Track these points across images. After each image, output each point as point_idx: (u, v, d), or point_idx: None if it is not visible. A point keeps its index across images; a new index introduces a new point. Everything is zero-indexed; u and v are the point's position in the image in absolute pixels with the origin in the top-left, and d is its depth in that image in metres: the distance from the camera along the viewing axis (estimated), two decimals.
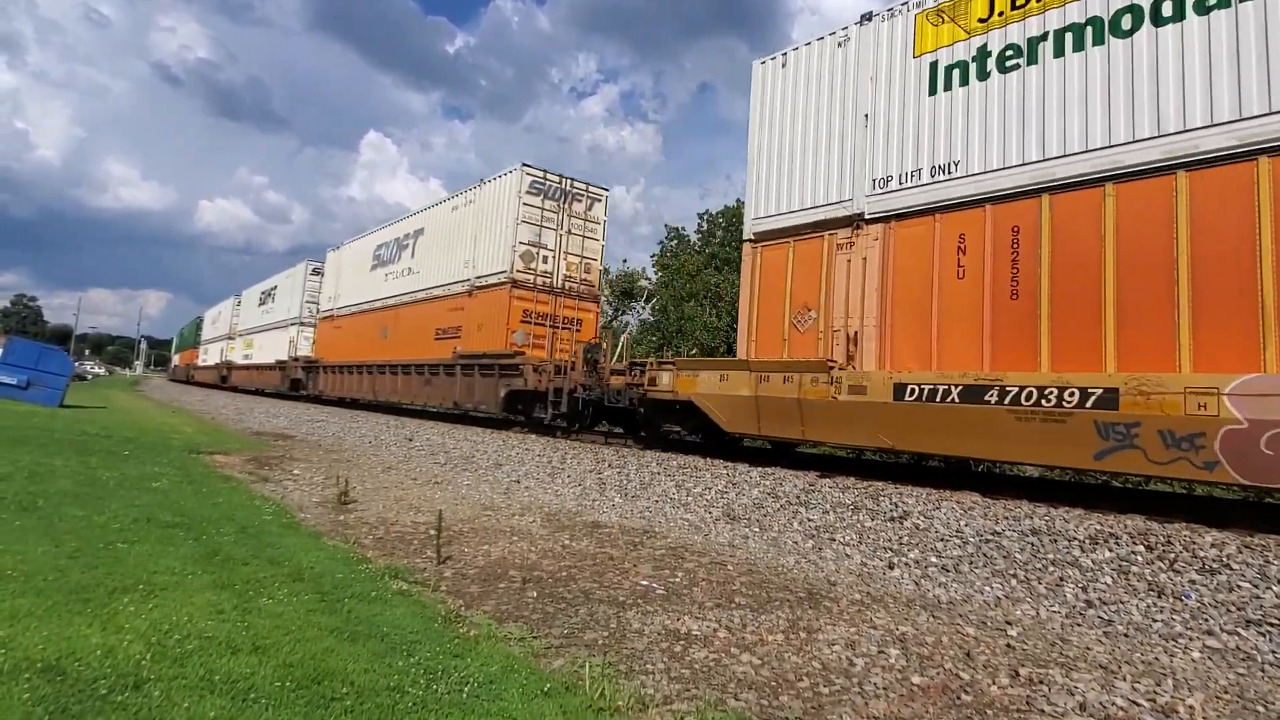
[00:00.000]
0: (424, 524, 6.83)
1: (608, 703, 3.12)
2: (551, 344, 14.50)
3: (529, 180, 15.43)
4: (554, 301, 15.74)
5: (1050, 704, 3.33)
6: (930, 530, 6.23)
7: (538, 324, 15.02)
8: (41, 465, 8.17)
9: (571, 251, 16.03)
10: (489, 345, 15.27)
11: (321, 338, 26.60)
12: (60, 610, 3.63)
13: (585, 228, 16.40)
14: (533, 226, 15.33)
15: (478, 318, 15.94)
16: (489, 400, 15.01)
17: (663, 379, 10.69)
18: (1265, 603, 4.44)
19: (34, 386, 17.72)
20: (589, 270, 16.50)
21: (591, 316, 16.45)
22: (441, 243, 18.47)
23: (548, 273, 15.68)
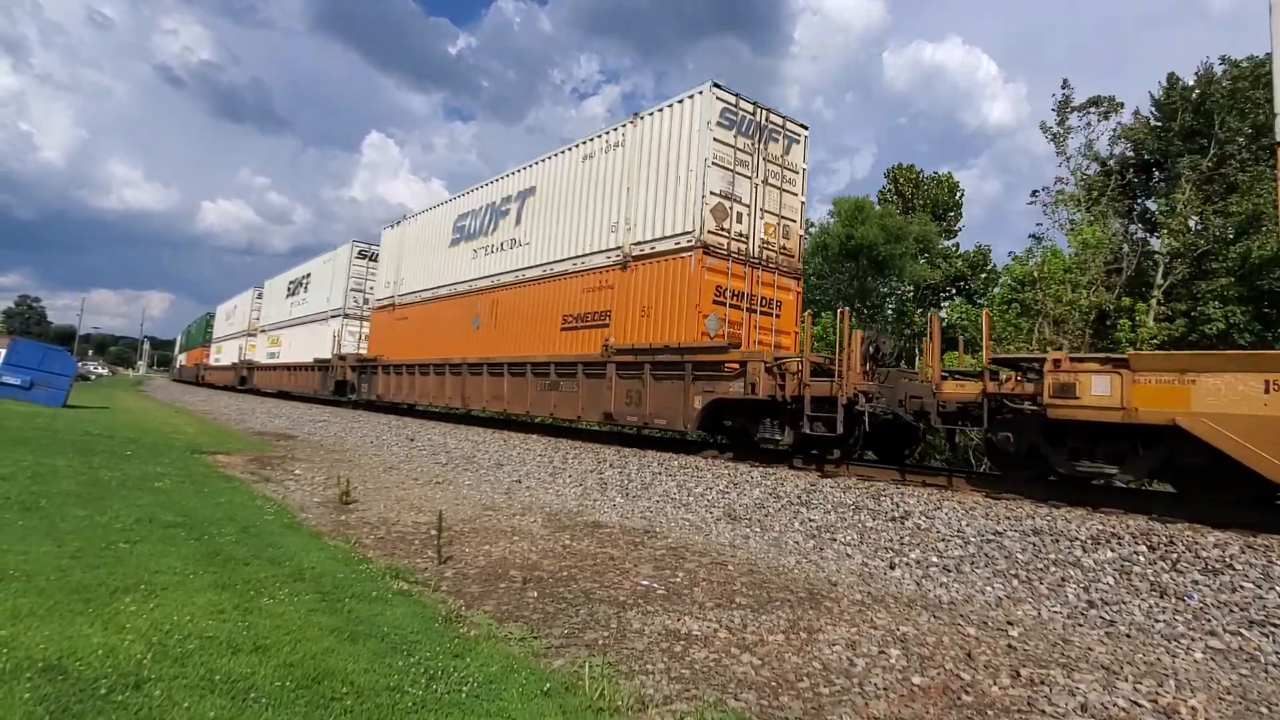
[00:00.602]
0: (425, 524, 6.84)
1: (608, 703, 3.12)
2: (748, 334, 10.89)
3: (720, 108, 10.88)
4: (749, 276, 11.16)
5: (1051, 704, 3.32)
6: (932, 530, 6.22)
7: (732, 306, 10.80)
8: (44, 465, 8.19)
9: (768, 209, 11.62)
10: (662, 335, 10.94)
11: (379, 332, 21.57)
12: (62, 610, 3.63)
13: (783, 177, 11.94)
14: (725, 172, 10.89)
15: (640, 298, 11.46)
16: (671, 412, 10.53)
17: (1093, 386, 6.60)
18: (1268, 603, 4.42)
19: (37, 387, 17.77)
20: (788, 235, 12.00)
21: (792, 298, 11.98)
22: (566, 203, 13.80)
23: (742, 235, 11.15)
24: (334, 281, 25.69)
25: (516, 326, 14.66)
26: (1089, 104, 26.70)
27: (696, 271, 10.46)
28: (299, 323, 29.08)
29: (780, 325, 11.49)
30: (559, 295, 13.45)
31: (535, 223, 14.60)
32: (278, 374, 30.48)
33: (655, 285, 11.18)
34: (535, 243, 14.46)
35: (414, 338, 18.98)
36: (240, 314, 39.80)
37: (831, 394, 8.42)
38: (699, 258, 10.43)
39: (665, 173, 11.37)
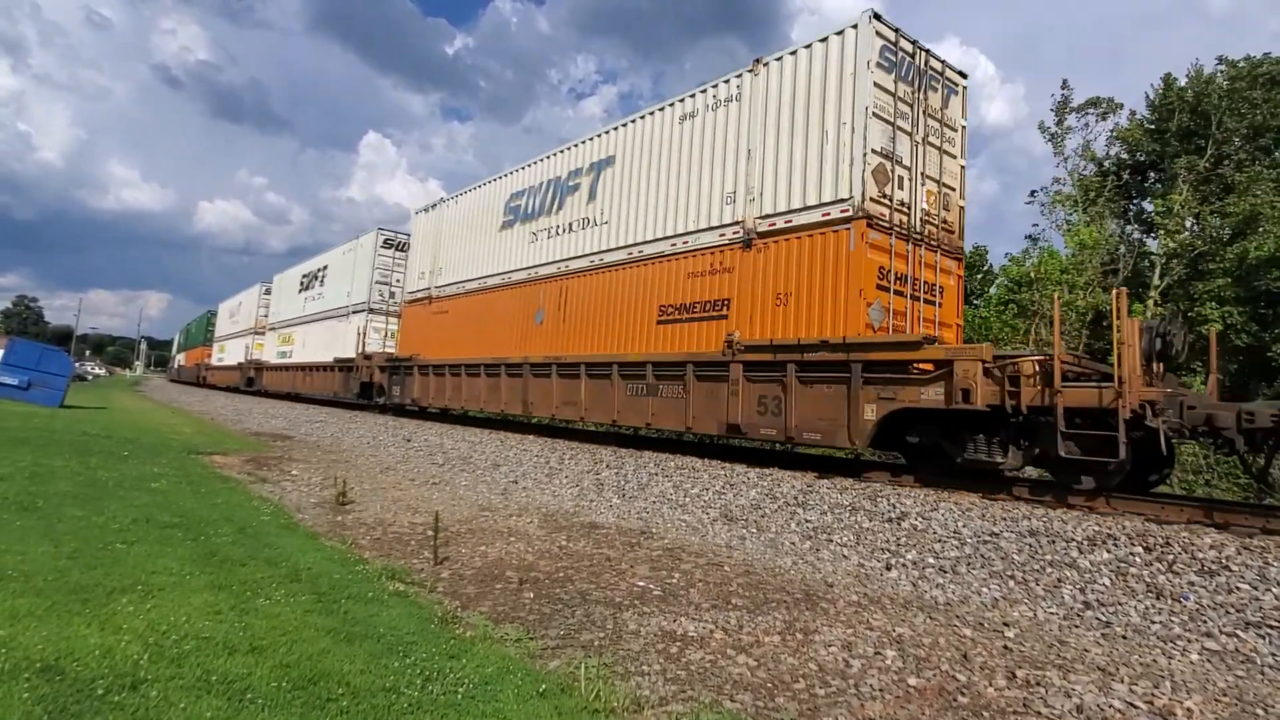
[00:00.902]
0: (421, 525, 6.84)
1: (603, 704, 3.12)
2: (912, 325, 8.87)
3: (879, 45, 8.79)
4: (912, 255, 9.01)
5: (1047, 706, 3.33)
6: (928, 531, 6.23)
7: (895, 291, 8.69)
8: (41, 466, 8.18)
9: (929, 173, 9.39)
10: (807, 327, 8.67)
11: (412, 328, 19.04)
12: (59, 610, 3.63)
13: (943, 135, 9.73)
14: (885, 126, 8.71)
15: (773, 283, 9.32)
16: (829, 425, 8.27)
17: None
18: (1265, 604, 4.43)
19: (35, 387, 17.74)
20: (948, 206, 9.79)
21: (954, 283, 9.87)
22: (658, 173, 11.36)
23: (904, 205, 8.94)
24: (356, 274, 23.27)
25: (593, 320, 12.29)
26: (1087, 105, 26.77)
27: (858, 248, 8.36)
28: (315, 319, 26.48)
29: (943, 316, 9.42)
30: (652, 282, 11.15)
31: (615, 198, 12.27)
32: (290, 375, 28.19)
33: (795, 266, 9.05)
34: (616, 221, 12.16)
35: (457, 334, 16.62)
36: (246, 311, 37.38)
37: (1102, 405, 6.36)
38: (860, 231, 8.35)
39: (806, 128, 9.17)
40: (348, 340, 22.41)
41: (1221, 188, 22.86)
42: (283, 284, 32.01)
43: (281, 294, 31.90)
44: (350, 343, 22.11)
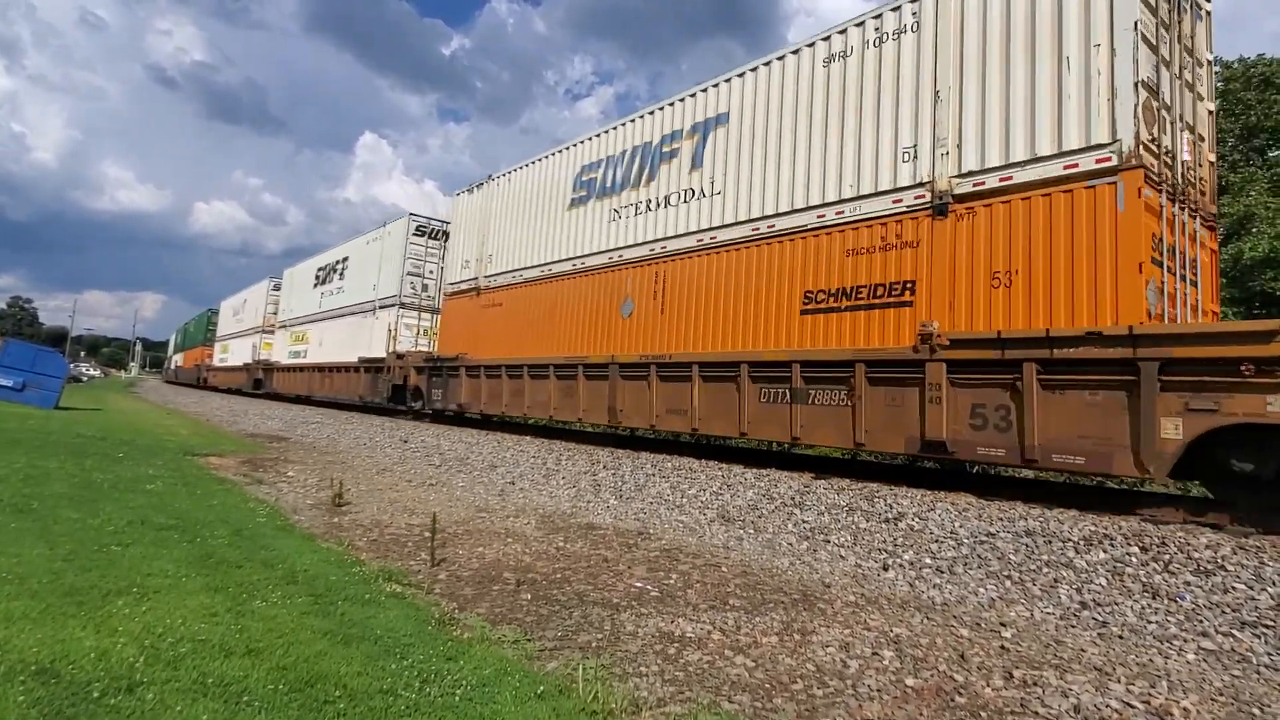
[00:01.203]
0: (418, 526, 6.82)
1: (601, 706, 3.12)
2: (1182, 312, 6.98)
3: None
4: (1178, 221, 7.08)
5: (1044, 706, 3.34)
6: (925, 532, 6.24)
7: (1167, 269, 6.91)
8: (36, 467, 8.15)
9: (1185, 118, 7.56)
10: (1040, 315, 6.89)
11: (456, 323, 16.94)
12: (54, 613, 3.62)
13: (1194, 73, 7.98)
14: (1149, 53, 6.93)
15: (983, 258, 7.40)
16: (1100, 445, 6.26)
17: None
18: (1260, 604, 4.44)
19: (29, 388, 17.67)
20: (1202, 162, 8.03)
21: (1208, 258, 7.80)
22: (793, 129, 9.47)
23: (1170, 157, 7.11)
24: (384, 265, 20.85)
25: (703, 312, 10.37)
26: None
27: (1131, 209, 6.41)
28: (334, 315, 24.05)
29: (1202, 300, 7.46)
30: (788, 263, 9.23)
31: (730, 163, 10.33)
32: (305, 376, 25.82)
33: (1019, 236, 7.08)
34: (732, 191, 10.22)
35: (514, 330, 14.49)
36: (253, 308, 34.89)
37: None
38: (1136, 185, 6.41)
39: (1032, 56, 7.20)
40: (375, 338, 20.16)
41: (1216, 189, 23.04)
42: (295, 278, 29.49)
43: (293, 289, 29.27)
44: (378, 340, 19.91)
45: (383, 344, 19.68)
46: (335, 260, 25.39)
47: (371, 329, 20.69)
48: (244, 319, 36.64)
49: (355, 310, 22.46)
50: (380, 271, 21.18)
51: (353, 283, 23.29)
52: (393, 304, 19.96)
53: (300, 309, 27.92)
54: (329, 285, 25.34)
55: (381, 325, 20.18)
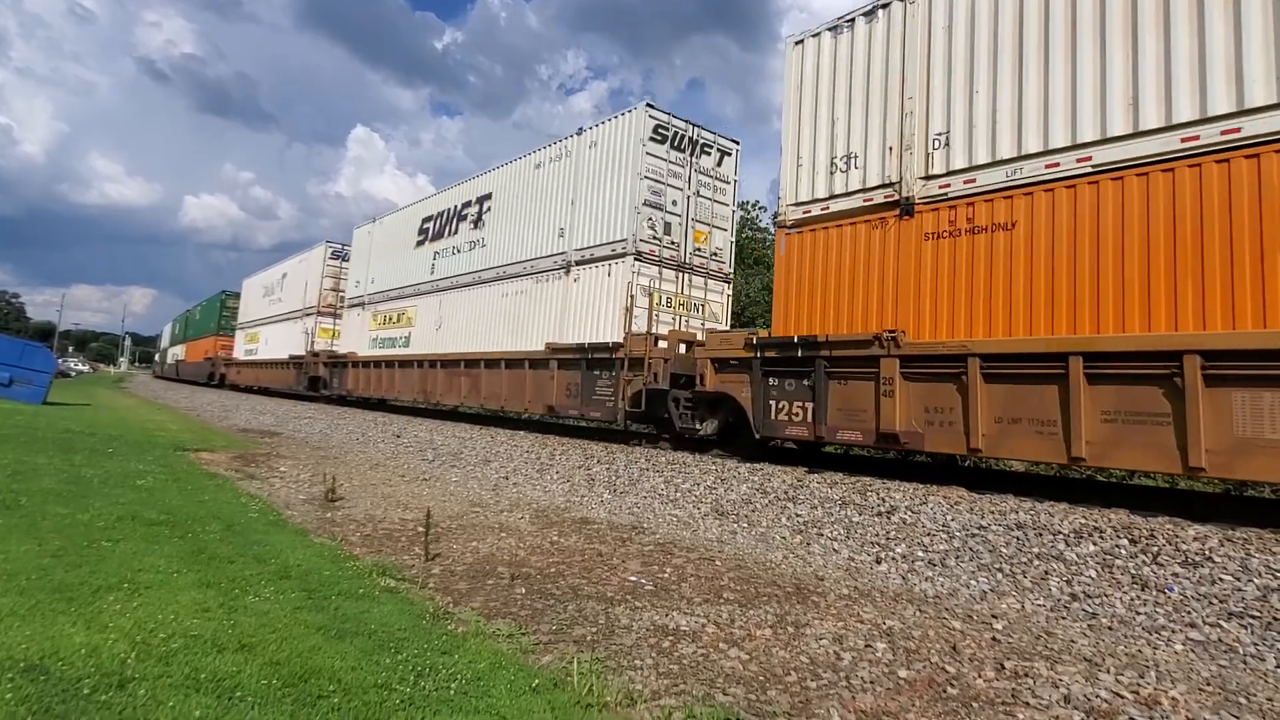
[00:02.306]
0: (412, 521, 6.81)
1: (596, 698, 3.12)
2: None
3: None
4: None
5: (1035, 696, 3.36)
6: (917, 525, 6.27)
7: None
8: (24, 463, 8.07)
9: None
10: None
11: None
12: (43, 609, 3.59)
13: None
14: None
15: None
16: None
17: None
18: (1247, 595, 4.50)
19: (16, 384, 17.51)
20: None
21: None
22: None
23: None
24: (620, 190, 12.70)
25: None
26: None
27: None
28: (470, 284, 16.11)
29: None
30: None
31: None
32: (417, 375, 17.80)
33: None
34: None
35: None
36: (297, 284, 27.65)
37: None
38: None
39: None
40: (608, 314, 12.30)
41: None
42: (381, 237, 21.64)
43: (379, 253, 21.64)
44: (612, 318, 12.22)
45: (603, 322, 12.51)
46: (460, 205, 16.62)
47: (614, 289, 12.33)
48: (284, 299, 29.45)
49: (535, 272, 14.07)
50: (561, 215, 13.94)
51: (496, 231, 15.79)
52: (627, 254, 12.25)
53: (395, 278, 20.34)
54: (449, 241, 17.20)
55: (622, 282, 12.13)
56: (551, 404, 13.16)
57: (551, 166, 14.59)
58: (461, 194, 17.86)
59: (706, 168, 13.07)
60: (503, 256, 15.83)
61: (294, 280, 28.89)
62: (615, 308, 11.97)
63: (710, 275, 13.14)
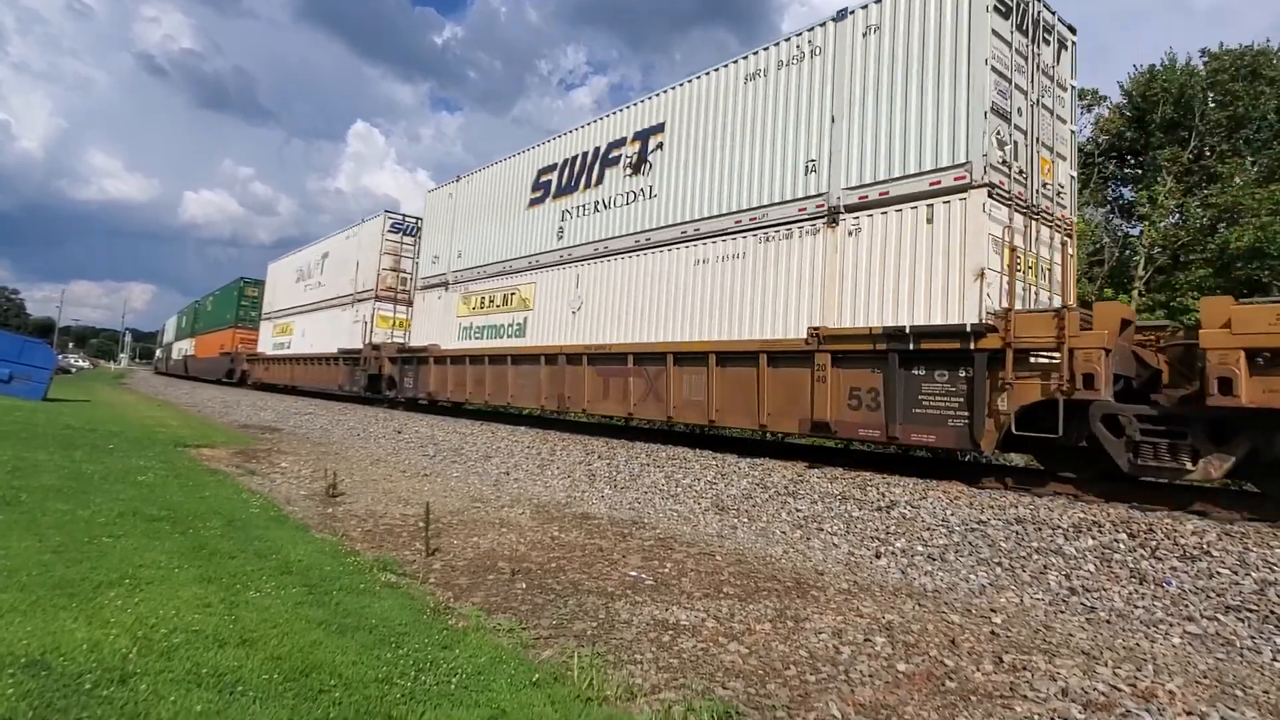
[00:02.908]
0: (412, 516, 6.82)
1: (596, 693, 3.14)
2: None
3: None
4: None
5: (1033, 690, 3.38)
6: (917, 520, 6.29)
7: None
8: (24, 459, 8.08)
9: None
10: None
11: None
12: (45, 605, 3.60)
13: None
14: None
15: None
16: None
17: None
18: (1244, 589, 4.51)
19: (16, 380, 17.50)
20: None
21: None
22: None
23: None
24: None
25: None
26: None
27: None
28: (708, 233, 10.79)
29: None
30: None
31: None
32: (554, 375, 13.27)
33: None
34: None
35: None
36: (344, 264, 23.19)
37: None
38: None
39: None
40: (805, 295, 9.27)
41: (1204, 178, 23.09)
42: (465, 199, 17.47)
43: (464, 221, 17.31)
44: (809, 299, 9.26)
45: None
46: (605, 146, 13.10)
47: None
48: (325, 283, 24.89)
49: (726, 229, 10.50)
50: None
51: (679, 177, 11.51)
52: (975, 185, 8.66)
53: (486, 252, 16.21)
54: (587, 196, 13.37)
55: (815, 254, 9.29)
56: (825, 419, 8.66)
57: (782, 74, 10.27)
58: (604, 131, 13.37)
59: (1048, 64, 9.13)
60: (689, 210, 11.22)
61: (340, 260, 24.02)
62: (946, 270, 7.88)
63: (1055, 225, 9.09)
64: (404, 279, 21.32)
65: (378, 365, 19.71)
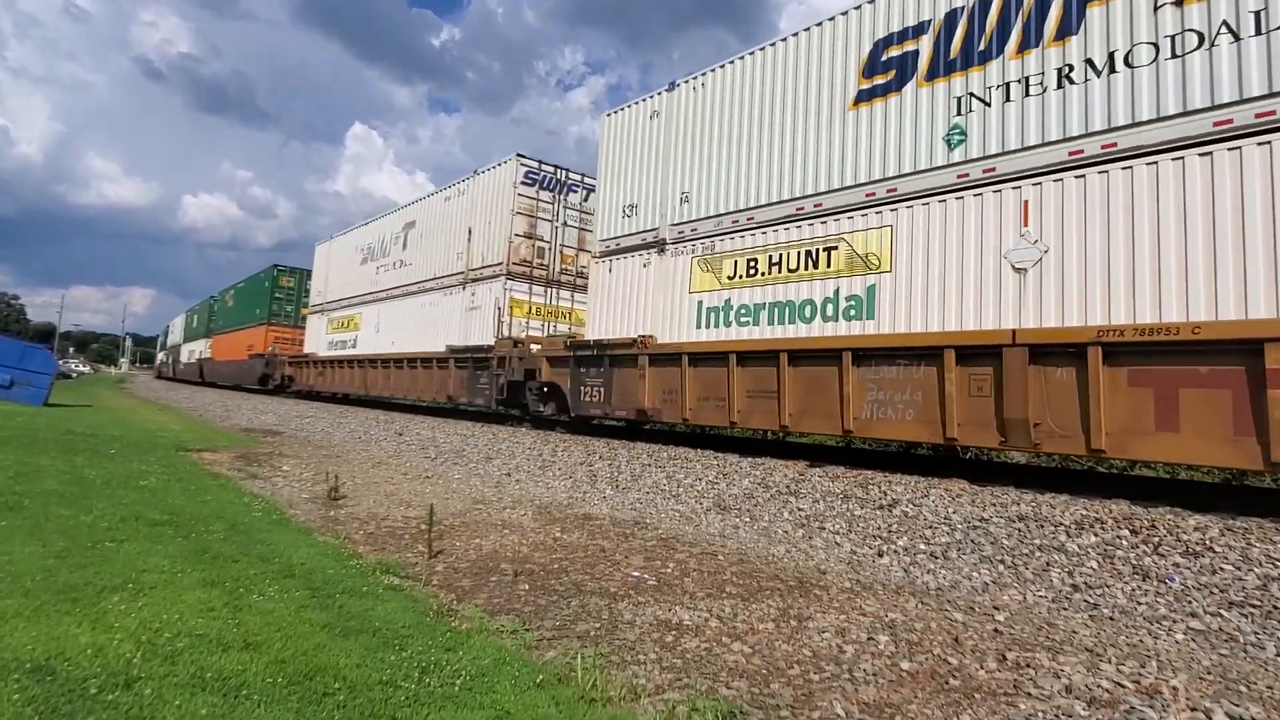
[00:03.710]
0: (415, 518, 6.82)
1: (600, 693, 3.14)
2: None
3: None
4: None
5: (1037, 687, 3.38)
6: (919, 518, 6.29)
7: None
8: (26, 465, 8.09)
9: None
10: None
11: None
12: (48, 610, 3.60)
13: None
14: None
15: None
16: None
17: None
18: (1247, 585, 4.51)
19: (17, 385, 17.52)
20: None
21: None
22: None
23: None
24: None
25: None
26: None
27: None
28: None
29: None
30: None
31: None
32: None
33: None
34: None
35: None
36: (441, 235, 18.41)
37: None
38: None
39: None
40: None
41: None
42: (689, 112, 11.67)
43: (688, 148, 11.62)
44: None
45: None
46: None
47: None
48: (413, 261, 19.55)
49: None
50: None
51: None
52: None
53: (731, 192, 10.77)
54: None
55: None
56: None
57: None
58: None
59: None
60: None
61: (436, 229, 18.64)
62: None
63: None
64: (540, 250, 15.98)
65: (524, 368, 14.26)
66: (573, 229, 16.23)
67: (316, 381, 24.23)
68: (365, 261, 22.39)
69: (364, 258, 22.58)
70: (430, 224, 19.22)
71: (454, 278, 17.52)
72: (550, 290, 16.39)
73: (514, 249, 15.65)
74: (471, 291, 16.71)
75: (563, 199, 16.39)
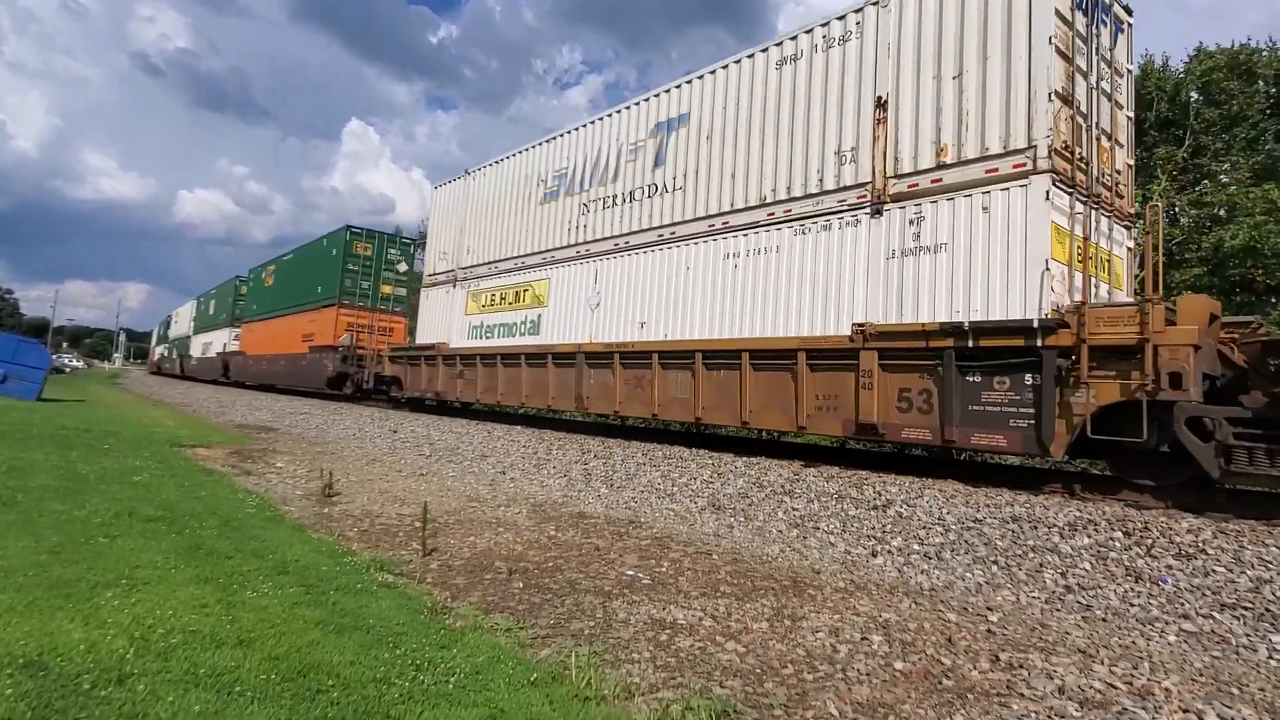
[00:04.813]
0: (409, 516, 6.81)
1: (594, 692, 3.14)
2: None
3: None
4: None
5: (1030, 688, 3.39)
6: (913, 518, 6.30)
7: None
8: (20, 460, 8.05)
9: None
10: None
11: None
12: (41, 605, 3.59)
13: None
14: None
15: None
16: None
17: None
18: (1240, 587, 4.53)
19: (11, 380, 17.44)
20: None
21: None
22: None
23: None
24: None
25: None
26: None
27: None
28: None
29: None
30: None
31: None
32: None
33: None
34: None
35: None
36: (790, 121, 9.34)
37: None
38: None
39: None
40: None
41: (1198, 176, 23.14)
42: None
43: None
44: None
45: None
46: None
47: None
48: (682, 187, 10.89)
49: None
50: None
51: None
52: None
53: None
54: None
55: None
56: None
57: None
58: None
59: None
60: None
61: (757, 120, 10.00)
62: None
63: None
64: (1078, 132, 7.55)
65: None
66: (1106, 100, 8.21)
67: (449, 387, 16.28)
68: (548, 199, 14.29)
69: (547, 193, 14.36)
70: (738, 112, 10.39)
71: (828, 198, 9.00)
72: (1088, 212, 7.39)
73: (1056, 119, 7.29)
74: (909, 216, 8.18)
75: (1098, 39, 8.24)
